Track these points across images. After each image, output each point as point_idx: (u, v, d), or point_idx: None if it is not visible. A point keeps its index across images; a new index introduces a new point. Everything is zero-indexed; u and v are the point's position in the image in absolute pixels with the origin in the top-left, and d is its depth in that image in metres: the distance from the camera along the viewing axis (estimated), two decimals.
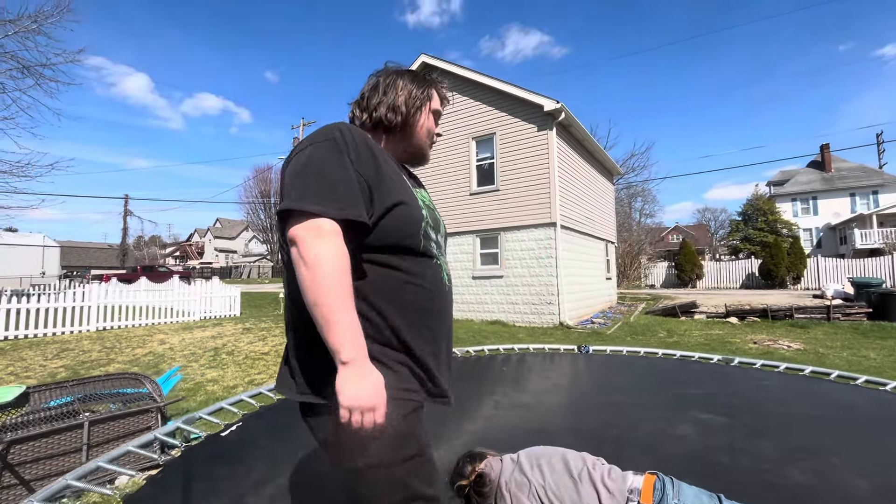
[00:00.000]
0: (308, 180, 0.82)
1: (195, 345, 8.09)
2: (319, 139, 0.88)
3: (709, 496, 1.32)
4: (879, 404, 2.29)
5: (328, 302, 0.76)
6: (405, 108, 1.06)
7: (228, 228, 62.85)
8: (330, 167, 0.83)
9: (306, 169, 0.83)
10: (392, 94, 1.06)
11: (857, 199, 30.50)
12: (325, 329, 0.77)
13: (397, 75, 1.09)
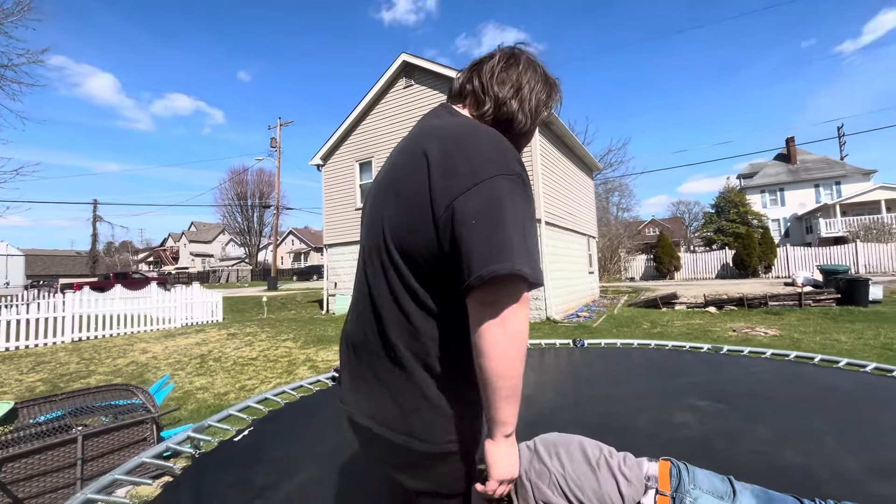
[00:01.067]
0: (516, 239, 0.72)
1: (179, 353, 7.91)
2: (506, 170, 0.76)
3: (721, 479, 1.39)
4: (862, 385, 2.44)
5: (517, 376, 0.74)
6: (534, 115, 0.95)
7: (204, 232, 61.29)
8: (527, 221, 0.76)
9: (510, 222, 0.72)
10: (528, 92, 0.93)
11: (822, 190, 31.86)
12: (503, 401, 0.75)
13: (534, 71, 0.94)
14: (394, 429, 0.82)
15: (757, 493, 1.34)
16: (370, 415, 0.86)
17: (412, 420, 0.80)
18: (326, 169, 13.29)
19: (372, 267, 0.88)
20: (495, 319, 0.71)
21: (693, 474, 1.37)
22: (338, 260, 13.08)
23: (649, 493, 1.32)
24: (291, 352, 7.65)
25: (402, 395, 0.81)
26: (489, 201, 0.73)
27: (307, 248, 56.27)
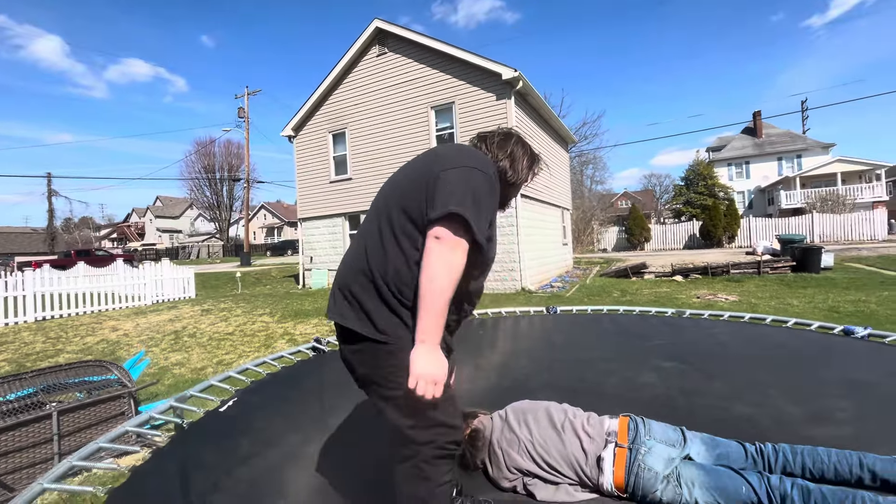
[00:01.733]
0: (470, 202, 1.03)
1: (152, 329, 7.76)
2: (482, 168, 1.11)
3: (674, 429, 1.53)
4: (806, 343, 2.66)
5: (445, 298, 0.99)
6: (520, 174, 1.30)
7: (171, 207, 58.91)
8: (485, 201, 1.07)
9: (470, 191, 1.04)
10: (517, 154, 1.29)
11: (784, 163, 33.06)
12: (429, 311, 0.99)
13: (524, 146, 1.32)
14: (359, 320, 1.09)
15: (705, 440, 1.50)
16: (340, 314, 1.12)
17: (375, 317, 1.07)
18: (298, 140, 12.89)
19: (370, 225, 1.17)
20: (438, 248, 0.99)
21: (649, 427, 1.51)
22: (313, 234, 12.90)
23: (609, 446, 1.45)
24: (269, 326, 7.62)
25: (371, 301, 1.08)
26: (463, 177, 1.06)
27: (280, 223, 55.02)
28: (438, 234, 1.00)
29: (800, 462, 1.37)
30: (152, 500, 1.39)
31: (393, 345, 1.06)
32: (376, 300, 1.07)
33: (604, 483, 1.41)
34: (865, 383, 2.05)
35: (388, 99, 11.22)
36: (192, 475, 1.53)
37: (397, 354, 1.05)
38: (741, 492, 1.27)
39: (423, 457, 1.05)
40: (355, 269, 1.13)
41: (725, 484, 1.30)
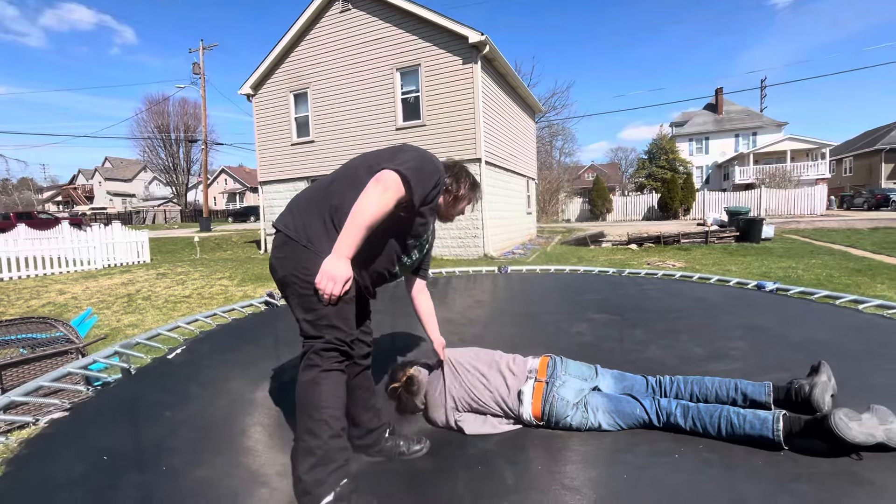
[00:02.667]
0: (417, 170, 1.27)
1: (104, 292, 7.51)
2: (436, 162, 1.38)
3: (587, 367, 1.73)
4: (723, 295, 2.94)
5: (367, 222, 1.18)
6: (465, 189, 1.55)
7: (122, 169, 55.34)
8: (428, 181, 1.31)
9: (420, 165, 1.29)
10: (461, 176, 1.55)
11: (741, 140, 34.41)
12: (350, 230, 1.18)
13: (467, 174, 1.58)
14: (295, 230, 1.29)
15: (614, 375, 1.70)
16: (283, 224, 1.32)
17: (309, 230, 1.28)
18: (258, 99, 12.31)
19: (333, 175, 1.40)
20: (374, 184, 1.20)
21: (566, 364, 1.69)
22: (274, 198, 12.56)
23: (529, 381, 1.63)
24: (228, 289, 7.53)
25: (311, 219, 1.30)
26: (419, 154, 1.33)
27: (242, 188, 52.87)
28: (379, 176, 1.20)
29: (689, 389, 1.59)
30: (94, 433, 1.46)
31: (312, 251, 1.25)
32: (316, 218, 1.28)
33: (523, 413, 1.58)
34: (762, 327, 2.32)
35: (352, 59, 10.82)
36: (138, 413, 1.60)
37: (314, 260, 1.23)
38: (636, 412, 1.48)
39: (315, 348, 1.24)
40: (309, 197, 1.36)
41: (623, 407, 1.51)
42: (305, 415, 1.21)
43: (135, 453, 1.35)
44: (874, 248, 9.82)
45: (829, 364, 1.54)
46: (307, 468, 1.14)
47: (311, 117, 11.57)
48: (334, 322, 1.25)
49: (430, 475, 1.36)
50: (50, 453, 1.31)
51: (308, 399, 1.21)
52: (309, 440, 1.17)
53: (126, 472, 1.25)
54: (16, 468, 1.22)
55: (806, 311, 2.57)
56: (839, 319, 2.39)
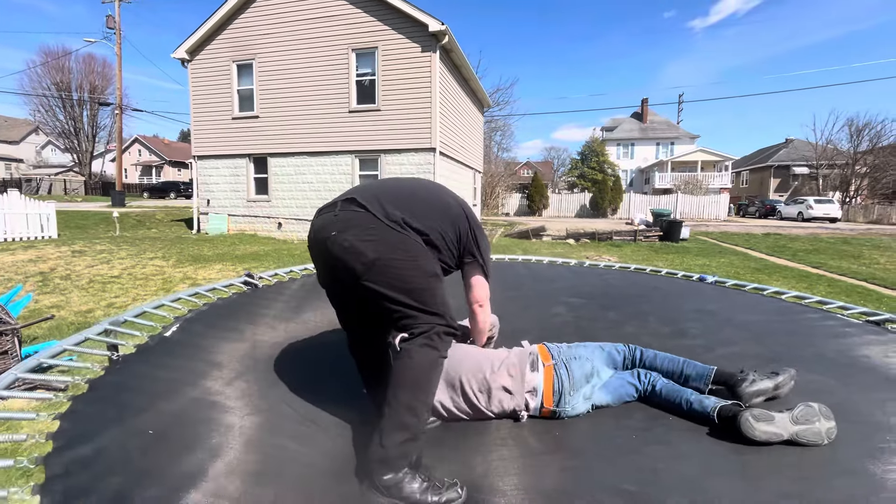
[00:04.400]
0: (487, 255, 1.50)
1: (7, 269, 6.61)
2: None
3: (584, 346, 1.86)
4: (674, 285, 3.37)
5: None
6: None
7: (6, 129, 47.68)
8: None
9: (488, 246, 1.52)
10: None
11: (661, 148, 37.74)
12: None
13: None
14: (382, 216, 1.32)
15: (598, 345, 1.86)
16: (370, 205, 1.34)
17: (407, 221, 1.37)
18: (194, 66, 11.31)
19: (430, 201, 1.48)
20: (482, 311, 1.58)
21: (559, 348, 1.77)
22: (211, 175, 11.69)
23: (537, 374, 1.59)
24: (164, 270, 6.97)
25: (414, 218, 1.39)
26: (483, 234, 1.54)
27: (160, 161, 48.07)
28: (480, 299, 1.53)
29: (650, 359, 1.77)
30: (116, 406, 1.40)
31: (406, 235, 1.28)
32: (400, 214, 1.32)
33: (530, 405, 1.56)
34: (710, 312, 2.72)
35: (305, 33, 10.32)
36: (150, 388, 1.56)
37: (410, 243, 1.28)
38: (628, 392, 1.62)
39: (437, 330, 1.24)
40: (375, 194, 1.37)
41: (618, 388, 1.63)
42: (411, 393, 1.19)
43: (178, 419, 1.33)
44: (767, 250, 11.43)
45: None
46: (398, 442, 1.13)
47: (255, 90, 10.89)
48: (447, 301, 1.29)
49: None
50: (87, 428, 1.25)
51: (420, 379, 1.20)
52: (407, 417, 1.16)
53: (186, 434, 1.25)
54: (65, 434, 1.17)
55: (742, 298, 3.04)
56: (768, 305, 2.87)
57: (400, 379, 1.19)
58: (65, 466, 1.08)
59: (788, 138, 38.25)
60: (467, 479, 1.17)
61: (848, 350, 2.13)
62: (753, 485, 1.18)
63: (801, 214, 23.76)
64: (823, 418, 1.31)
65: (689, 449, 1.36)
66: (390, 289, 1.23)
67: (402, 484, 1.08)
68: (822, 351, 2.12)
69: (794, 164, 34.59)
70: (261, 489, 1.12)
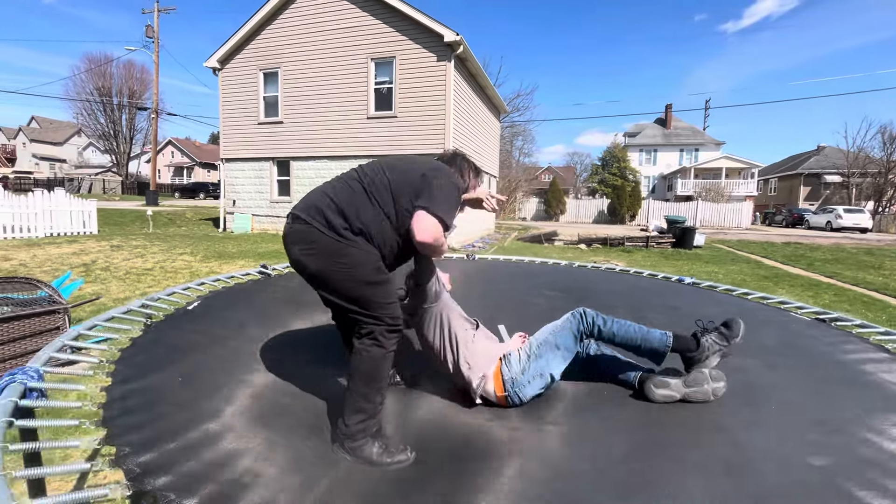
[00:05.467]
0: (450, 206, 1.49)
1: (54, 261, 7.28)
2: (460, 187, 1.60)
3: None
4: (653, 284, 3.60)
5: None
6: (469, 182, 1.75)
7: (52, 131, 50.63)
8: (456, 204, 1.55)
9: (451, 198, 1.51)
10: (464, 168, 1.74)
11: (684, 154, 37.14)
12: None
13: (468, 163, 1.77)
14: (324, 224, 1.42)
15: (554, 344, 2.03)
16: (309, 215, 1.44)
17: (336, 227, 1.42)
18: (225, 74, 12.02)
19: (353, 182, 1.52)
20: (424, 246, 1.49)
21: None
22: (237, 176, 12.36)
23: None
24: (191, 265, 7.52)
25: (335, 219, 1.44)
26: (446, 185, 1.51)
27: (191, 163, 50.09)
28: (423, 230, 1.42)
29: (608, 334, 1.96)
30: (155, 362, 1.78)
31: (345, 244, 1.39)
32: (340, 219, 1.41)
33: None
34: (678, 307, 2.97)
35: (327, 43, 10.88)
36: (184, 347, 1.94)
37: (349, 252, 1.39)
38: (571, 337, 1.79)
39: (382, 330, 1.41)
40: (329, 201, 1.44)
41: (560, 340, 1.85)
42: (363, 383, 1.39)
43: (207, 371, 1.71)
44: (784, 259, 11.31)
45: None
46: (356, 421, 1.36)
47: (280, 97, 11.50)
48: (390, 300, 1.43)
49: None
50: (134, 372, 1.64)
51: (371, 372, 1.40)
52: (362, 402, 1.39)
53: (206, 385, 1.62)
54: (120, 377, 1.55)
55: (710, 298, 3.26)
56: (733, 302, 3.09)
57: (354, 372, 1.41)
58: (122, 395, 1.47)
59: (820, 145, 37.08)
60: (417, 446, 1.42)
61: (783, 339, 2.37)
62: (644, 434, 1.48)
63: (830, 224, 23.07)
64: (712, 381, 1.59)
65: (612, 412, 1.66)
66: (335, 296, 1.44)
67: (362, 448, 1.35)
68: (762, 339, 2.36)
69: (825, 172, 33.52)
70: (258, 429, 1.46)
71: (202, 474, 1.13)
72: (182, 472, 1.12)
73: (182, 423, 1.37)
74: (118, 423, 1.28)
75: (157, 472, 1.09)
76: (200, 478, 1.11)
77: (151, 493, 0.99)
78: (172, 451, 1.20)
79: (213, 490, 1.07)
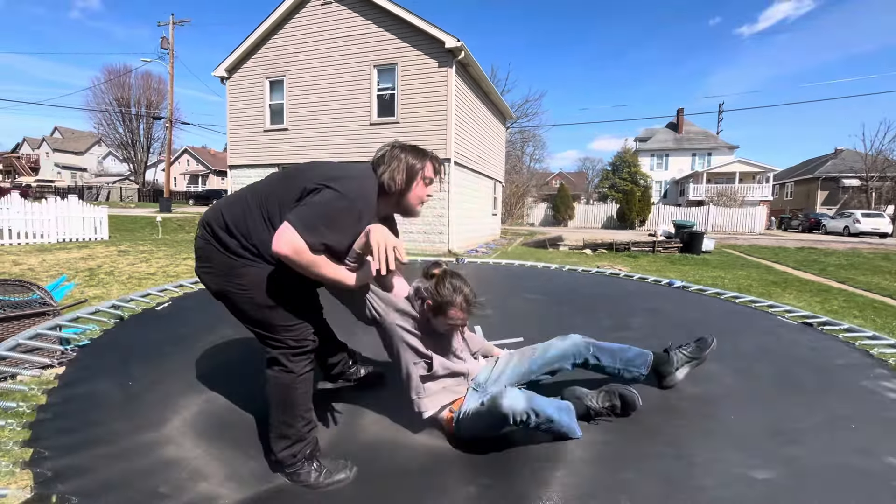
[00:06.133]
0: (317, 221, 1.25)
1: (62, 266, 7.44)
2: (348, 196, 1.31)
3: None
4: (641, 287, 3.53)
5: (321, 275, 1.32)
6: (402, 182, 1.44)
7: (73, 141, 52.17)
8: (336, 222, 1.29)
9: (323, 212, 1.27)
10: (394, 167, 1.43)
11: (697, 159, 36.59)
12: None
13: (402, 152, 1.48)
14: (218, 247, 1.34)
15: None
16: (205, 238, 1.38)
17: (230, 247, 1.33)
18: (232, 83, 12.26)
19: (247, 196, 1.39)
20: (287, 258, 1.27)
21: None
22: (244, 183, 12.49)
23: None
24: (193, 269, 7.63)
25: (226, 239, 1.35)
26: (322, 199, 1.28)
27: (206, 171, 51.08)
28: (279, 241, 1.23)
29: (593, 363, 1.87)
30: (110, 352, 1.80)
31: (241, 263, 1.30)
32: (233, 240, 1.33)
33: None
34: (660, 310, 2.89)
35: (330, 51, 11.02)
36: (146, 346, 1.95)
37: (245, 273, 1.31)
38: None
39: (284, 353, 1.36)
40: (220, 218, 1.35)
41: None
42: (281, 410, 1.35)
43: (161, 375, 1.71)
44: (795, 264, 11.01)
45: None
46: (281, 448, 1.34)
47: (285, 105, 11.67)
48: (293, 320, 1.35)
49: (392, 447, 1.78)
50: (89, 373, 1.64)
51: (285, 400, 1.35)
52: (284, 429, 1.35)
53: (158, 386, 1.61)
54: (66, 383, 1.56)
55: (696, 301, 3.18)
56: (717, 306, 3.00)
57: (271, 400, 1.37)
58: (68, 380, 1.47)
59: (838, 148, 36.21)
60: (360, 458, 1.40)
61: (762, 344, 2.28)
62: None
63: (848, 229, 22.45)
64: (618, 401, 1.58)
65: None
66: (238, 317, 1.39)
67: (298, 473, 1.34)
68: (739, 345, 2.28)
69: (842, 176, 32.67)
70: (198, 441, 1.45)
71: (118, 483, 1.11)
72: (97, 480, 1.10)
73: (116, 431, 1.37)
74: (46, 427, 1.28)
75: (69, 477, 1.08)
76: (114, 486, 1.09)
77: (56, 496, 0.98)
78: (93, 458, 1.19)
79: (123, 498, 1.04)
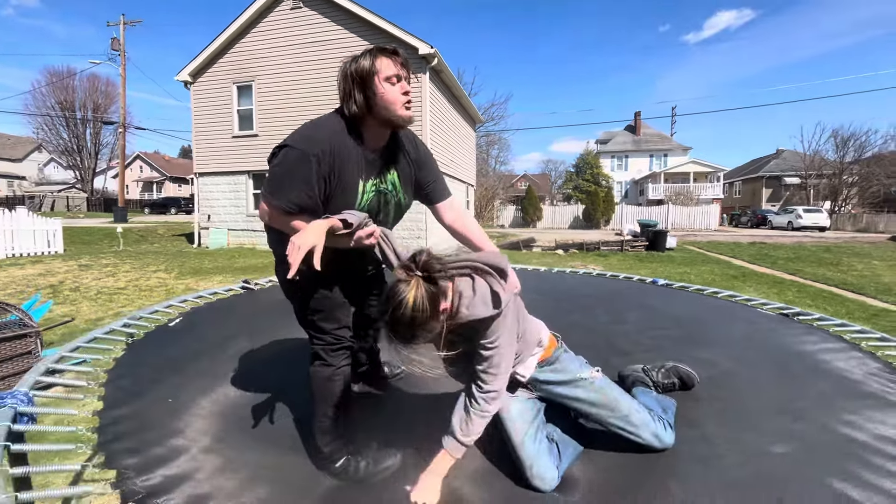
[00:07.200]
0: (273, 185, 1.24)
1: (18, 283, 6.98)
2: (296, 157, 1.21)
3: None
4: (628, 286, 3.75)
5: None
6: (359, 93, 1.22)
7: (9, 147, 48.37)
8: (294, 175, 1.22)
9: (276, 174, 1.23)
10: (346, 86, 1.23)
11: (654, 160, 38.38)
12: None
13: (348, 65, 1.25)
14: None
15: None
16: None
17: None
18: (197, 88, 11.85)
19: None
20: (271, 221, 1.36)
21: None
22: (211, 191, 12.13)
23: None
24: (167, 282, 7.33)
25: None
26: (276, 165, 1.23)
27: (161, 178, 48.73)
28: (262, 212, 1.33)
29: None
30: (134, 374, 1.78)
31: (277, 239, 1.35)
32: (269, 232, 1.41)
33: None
34: (650, 305, 3.11)
35: (301, 57, 10.88)
36: (167, 366, 1.93)
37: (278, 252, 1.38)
38: None
39: (324, 348, 1.41)
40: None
41: None
42: (322, 403, 1.40)
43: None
44: (750, 258, 11.82)
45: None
46: (326, 442, 1.40)
47: (255, 111, 11.40)
48: (328, 310, 1.38)
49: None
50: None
51: (325, 393, 1.40)
52: (326, 423, 1.41)
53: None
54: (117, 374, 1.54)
55: (680, 297, 3.42)
56: (700, 301, 3.25)
57: (314, 394, 1.42)
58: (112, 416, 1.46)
59: (780, 149, 38.95)
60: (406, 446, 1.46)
61: (749, 333, 2.52)
62: None
63: (791, 224, 24.21)
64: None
65: None
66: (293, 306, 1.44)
67: (345, 468, 1.38)
68: (731, 334, 2.50)
69: (784, 175, 35.21)
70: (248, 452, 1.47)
71: (202, 499, 1.15)
72: (184, 496, 1.14)
73: (176, 448, 1.38)
74: (113, 448, 1.28)
75: (158, 494, 1.11)
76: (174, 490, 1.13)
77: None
78: (171, 476, 1.22)
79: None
